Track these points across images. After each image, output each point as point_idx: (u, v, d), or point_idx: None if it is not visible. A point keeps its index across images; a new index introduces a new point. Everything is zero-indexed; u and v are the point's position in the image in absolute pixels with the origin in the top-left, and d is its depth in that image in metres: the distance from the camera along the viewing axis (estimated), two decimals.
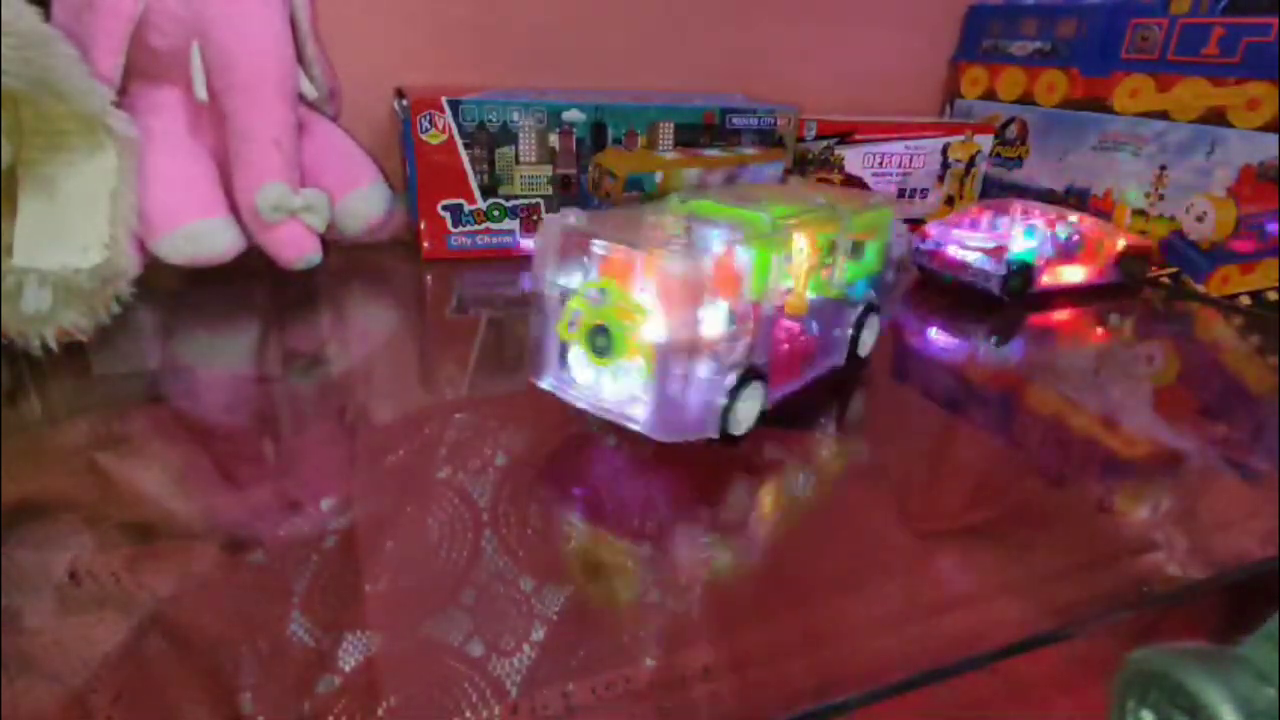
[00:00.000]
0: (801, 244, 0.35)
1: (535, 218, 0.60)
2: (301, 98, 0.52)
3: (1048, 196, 0.73)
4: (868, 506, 0.33)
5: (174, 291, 0.50)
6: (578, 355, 0.33)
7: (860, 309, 0.41)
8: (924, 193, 0.75)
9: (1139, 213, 0.65)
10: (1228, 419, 0.43)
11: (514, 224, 0.60)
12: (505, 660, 0.23)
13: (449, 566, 0.26)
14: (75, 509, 0.29)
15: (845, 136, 0.70)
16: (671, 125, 0.61)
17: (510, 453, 0.34)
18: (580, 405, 0.33)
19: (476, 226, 0.59)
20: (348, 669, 0.22)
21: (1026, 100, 0.74)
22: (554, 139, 0.58)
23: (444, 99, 0.55)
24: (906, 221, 0.70)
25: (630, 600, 0.26)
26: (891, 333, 0.51)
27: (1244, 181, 0.58)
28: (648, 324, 0.30)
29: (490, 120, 0.56)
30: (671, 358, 0.30)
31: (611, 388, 0.32)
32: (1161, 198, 0.63)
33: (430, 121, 0.55)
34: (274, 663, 0.22)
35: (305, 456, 0.34)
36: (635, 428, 0.31)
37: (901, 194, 0.75)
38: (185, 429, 0.36)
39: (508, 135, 0.57)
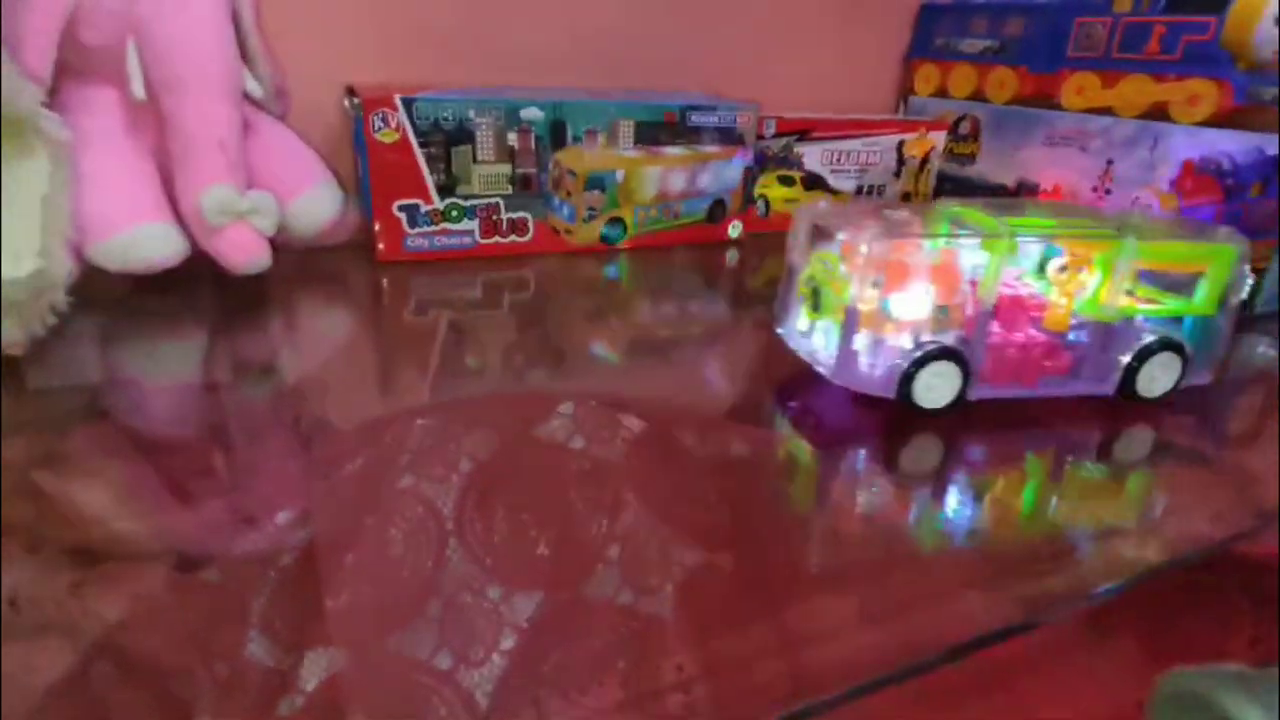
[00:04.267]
0: (1063, 260, 0.38)
1: (495, 217, 0.59)
2: (246, 96, 0.50)
3: (1001, 192, 0.74)
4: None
5: (114, 300, 0.48)
6: (798, 310, 0.41)
7: (1148, 342, 0.38)
8: (881, 189, 0.76)
9: None
10: None
11: (473, 224, 0.59)
12: (475, 670, 0.22)
13: (414, 577, 0.25)
14: (12, 532, 0.27)
15: (804, 134, 0.71)
16: (632, 123, 0.60)
17: (475, 458, 0.33)
18: (798, 351, 0.41)
19: (434, 227, 0.58)
20: (310, 689, 0.21)
21: (978, 97, 0.75)
22: (512, 137, 0.57)
23: (397, 96, 0.53)
24: None
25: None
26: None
27: (1185, 175, 0.60)
28: (845, 291, 0.36)
29: (445, 118, 0.55)
30: (854, 321, 0.36)
31: (819, 339, 0.40)
32: (1109, 191, 0.65)
33: (383, 120, 0.54)
34: (234, 687, 0.21)
35: (258, 469, 0.33)
36: (823, 371, 0.38)
37: (860, 191, 0.76)
38: (129, 444, 0.34)
39: (464, 134, 0.56)
